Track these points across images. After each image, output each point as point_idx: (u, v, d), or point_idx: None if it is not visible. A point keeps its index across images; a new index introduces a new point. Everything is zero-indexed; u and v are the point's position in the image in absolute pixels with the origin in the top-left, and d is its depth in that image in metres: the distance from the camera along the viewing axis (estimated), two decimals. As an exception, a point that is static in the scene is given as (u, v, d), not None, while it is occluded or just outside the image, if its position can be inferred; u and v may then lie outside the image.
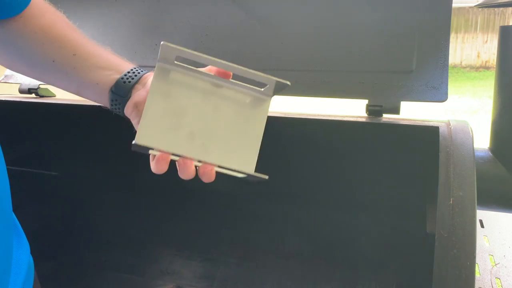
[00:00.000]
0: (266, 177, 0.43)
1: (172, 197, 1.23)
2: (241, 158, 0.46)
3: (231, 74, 0.46)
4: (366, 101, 0.83)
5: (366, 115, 0.83)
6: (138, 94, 0.48)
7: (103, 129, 1.18)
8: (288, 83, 0.45)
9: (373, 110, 0.81)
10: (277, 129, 0.98)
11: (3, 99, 1.05)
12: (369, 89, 0.82)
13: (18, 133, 1.24)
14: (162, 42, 0.42)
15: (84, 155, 1.26)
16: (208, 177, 0.44)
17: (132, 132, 0.44)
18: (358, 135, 0.91)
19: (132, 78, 0.50)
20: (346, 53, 0.84)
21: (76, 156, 1.27)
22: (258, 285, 1.11)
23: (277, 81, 0.45)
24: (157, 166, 0.43)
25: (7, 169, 0.45)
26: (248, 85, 0.47)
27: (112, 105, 0.50)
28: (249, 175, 0.44)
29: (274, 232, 1.15)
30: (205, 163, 0.43)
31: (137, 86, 0.49)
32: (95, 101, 0.53)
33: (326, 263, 1.08)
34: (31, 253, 0.50)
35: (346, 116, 0.83)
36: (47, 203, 1.32)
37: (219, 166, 0.43)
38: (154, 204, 1.25)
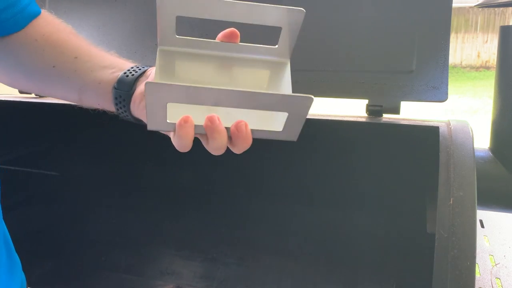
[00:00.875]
0: (312, 96, 0.34)
1: (172, 197, 1.23)
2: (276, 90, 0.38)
3: (239, 34, 0.42)
4: (366, 101, 0.83)
5: (366, 115, 0.83)
6: (144, 84, 0.47)
7: (104, 129, 1.18)
8: (303, 9, 0.38)
9: (373, 110, 0.81)
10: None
11: (3, 99, 1.05)
12: (369, 89, 0.82)
13: (18, 133, 1.24)
14: None
15: (84, 155, 1.26)
16: (244, 137, 0.37)
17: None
18: (358, 135, 0.91)
19: (136, 72, 0.47)
20: (346, 53, 0.84)
21: (76, 156, 1.27)
22: (258, 285, 1.11)
23: (289, 10, 0.38)
24: (180, 133, 0.36)
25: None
26: (261, 46, 0.41)
27: (116, 104, 0.47)
28: (290, 98, 0.34)
29: (274, 232, 1.15)
30: (238, 95, 0.33)
31: (141, 78, 0.46)
32: (98, 106, 0.50)
33: (326, 263, 1.08)
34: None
35: (346, 116, 0.83)
36: (47, 203, 1.32)
37: (254, 101, 0.34)
38: (154, 204, 1.25)
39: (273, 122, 0.37)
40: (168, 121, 0.36)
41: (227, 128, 0.37)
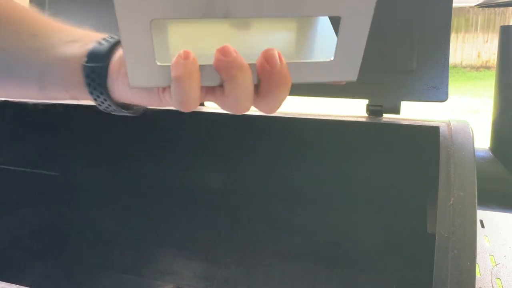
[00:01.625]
0: None
1: (172, 197, 1.23)
2: None
3: None
4: (366, 101, 0.83)
5: (366, 115, 0.83)
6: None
7: (103, 129, 1.18)
8: None
9: (373, 110, 0.81)
10: (277, 129, 0.98)
11: (3, 99, 1.05)
12: (369, 89, 0.82)
13: (18, 133, 1.23)
14: None
15: (84, 155, 1.26)
16: (278, 72, 0.25)
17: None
18: (358, 135, 0.91)
19: (112, 38, 0.36)
20: (346, 53, 0.84)
21: (76, 156, 1.27)
22: (258, 285, 1.11)
23: None
24: (179, 74, 0.25)
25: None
26: None
27: (89, 84, 0.34)
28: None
29: (274, 232, 1.15)
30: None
31: (119, 45, 0.35)
32: (67, 95, 0.38)
33: (326, 263, 1.08)
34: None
35: (346, 116, 0.83)
36: (47, 203, 1.32)
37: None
38: (154, 204, 1.25)
39: (318, 53, 0.25)
40: (158, 63, 0.25)
41: (251, 66, 0.25)
